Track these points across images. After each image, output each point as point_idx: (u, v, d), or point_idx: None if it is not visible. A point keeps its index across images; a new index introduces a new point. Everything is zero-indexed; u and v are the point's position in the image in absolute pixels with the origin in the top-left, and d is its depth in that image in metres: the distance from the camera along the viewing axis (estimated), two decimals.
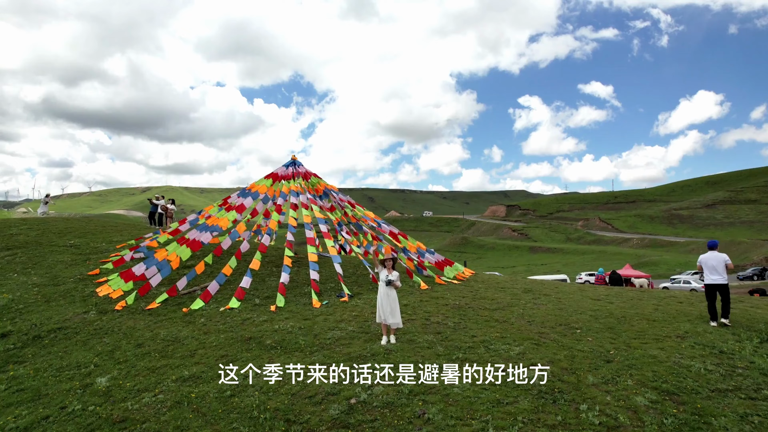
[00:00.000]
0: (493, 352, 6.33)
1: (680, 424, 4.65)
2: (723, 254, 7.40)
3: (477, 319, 7.80)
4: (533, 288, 10.49)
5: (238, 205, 11.36)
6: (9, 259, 12.84)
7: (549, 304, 8.84)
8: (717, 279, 7.14)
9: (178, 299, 9.57)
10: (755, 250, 63.07)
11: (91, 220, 19.47)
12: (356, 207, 12.73)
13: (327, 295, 9.58)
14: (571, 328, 7.29)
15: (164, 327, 8.22)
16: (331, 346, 6.87)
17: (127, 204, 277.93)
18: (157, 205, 18.58)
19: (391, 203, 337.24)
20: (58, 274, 11.53)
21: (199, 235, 10.74)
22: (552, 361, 6.00)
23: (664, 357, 6.14)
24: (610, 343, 6.68)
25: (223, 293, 9.63)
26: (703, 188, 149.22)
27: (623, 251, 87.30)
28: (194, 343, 7.44)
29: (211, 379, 6.18)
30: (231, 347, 7.11)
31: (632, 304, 9.10)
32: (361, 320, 7.96)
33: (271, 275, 10.47)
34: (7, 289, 10.57)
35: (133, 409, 5.77)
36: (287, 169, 12.55)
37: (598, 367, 5.84)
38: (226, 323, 8.15)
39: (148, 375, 6.61)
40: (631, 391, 5.27)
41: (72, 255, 13.20)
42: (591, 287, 11.75)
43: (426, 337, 7.02)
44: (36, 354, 7.74)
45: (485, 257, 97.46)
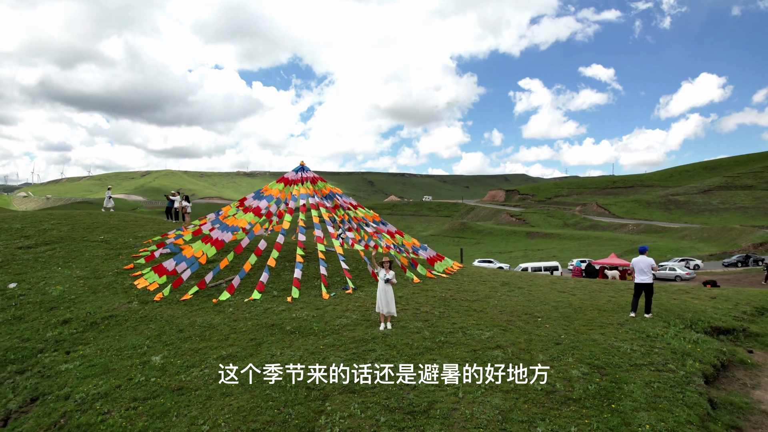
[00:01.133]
0: (468, 336, 7.98)
1: (599, 389, 6.30)
2: (650, 258, 8.93)
3: (458, 309, 9.44)
4: (510, 281, 12.12)
5: (254, 208, 12.90)
6: (50, 254, 14.45)
7: (520, 296, 10.48)
8: (644, 279, 8.70)
9: (207, 291, 11.21)
10: (744, 236, 64.70)
11: (112, 214, 21.00)
12: (357, 208, 14.27)
13: (334, 288, 11.22)
14: (534, 317, 8.93)
15: (199, 315, 9.87)
16: (340, 331, 8.51)
17: (127, 188, 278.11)
18: (173, 201, 20.13)
19: (390, 187, 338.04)
20: (98, 268, 13.15)
21: (221, 234, 12.31)
22: (513, 343, 7.64)
23: (602, 340, 7.78)
24: (563, 329, 8.32)
25: (245, 286, 11.26)
26: (701, 174, 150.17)
27: (619, 237, 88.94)
28: (227, 329, 9.08)
29: (245, 357, 7.83)
30: (258, 332, 8.76)
31: (591, 296, 10.74)
32: (363, 310, 9.60)
33: (285, 270, 12.08)
34: (56, 282, 12.20)
35: (186, 380, 7.43)
36: (296, 173, 14.05)
37: (548, 348, 7.48)
38: (251, 312, 9.80)
39: (192, 354, 8.26)
40: (569, 366, 6.91)
41: (105, 250, 14.80)
42: (561, 280, 13.37)
43: (416, 323, 8.66)
44: (96, 337, 9.39)
45: (483, 242, 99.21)
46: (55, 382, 7.92)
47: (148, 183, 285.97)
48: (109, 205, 22.61)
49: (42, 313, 10.57)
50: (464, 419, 5.75)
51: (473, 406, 5.97)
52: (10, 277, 12.70)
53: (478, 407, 5.95)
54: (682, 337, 7.99)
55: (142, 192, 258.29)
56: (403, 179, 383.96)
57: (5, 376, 8.32)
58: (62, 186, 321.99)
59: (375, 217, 14.24)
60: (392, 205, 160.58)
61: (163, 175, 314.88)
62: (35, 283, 12.28)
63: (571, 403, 6.06)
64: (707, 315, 9.24)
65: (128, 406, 6.95)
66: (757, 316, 9.69)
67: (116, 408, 6.96)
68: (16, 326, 10.05)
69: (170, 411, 6.67)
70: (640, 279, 8.60)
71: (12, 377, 8.29)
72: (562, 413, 5.84)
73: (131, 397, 7.18)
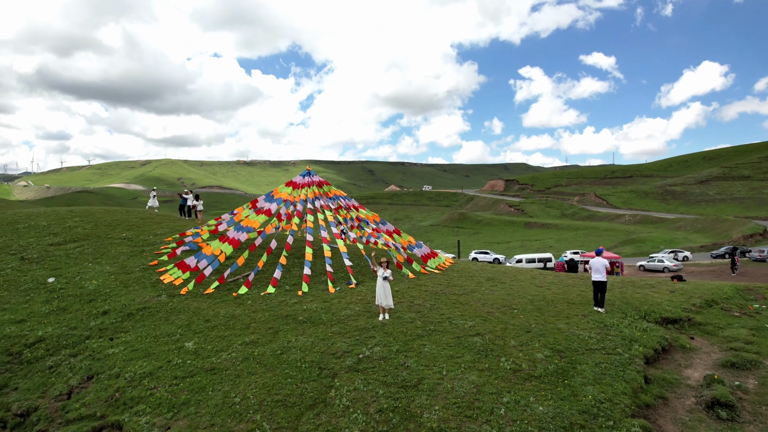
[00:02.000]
0: (453, 326, 9.44)
1: (557, 369, 7.77)
2: (605, 260, 10.32)
3: (447, 302, 10.90)
4: (494, 277, 13.55)
5: (266, 210, 14.28)
6: (80, 251, 15.88)
7: (502, 291, 11.92)
8: (599, 277, 10.09)
9: (226, 286, 12.65)
10: (737, 228, 66.08)
11: (128, 211, 22.38)
12: (359, 209, 15.66)
13: (339, 283, 12.66)
14: (511, 309, 10.39)
15: (222, 307, 11.33)
16: (345, 320, 9.97)
17: (128, 177, 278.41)
18: (186, 199, 21.51)
19: (390, 176, 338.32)
20: (125, 264, 14.59)
21: (237, 234, 13.72)
22: (491, 332, 9.10)
23: (566, 329, 9.24)
24: (534, 319, 9.78)
25: (261, 281, 12.70)
26: (699, 164, 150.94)
27: (615, 227, 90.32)
28: (247, 319, 10.54)
29: (265, 343, 9.30)
30: (275, 322, 10.22)
31: (564, 291, 12.17)
32: (365, 302, 11.04)
33: (294, 266, 13.50)
34: (90, 277, 13.65)
35: (217, 362, 8.91)
36: (303, 178, 15.39)
37: (519, 336, 8.94)
38: (267, 304, 11.26)
39: (220, 341, 9.73)
40: (535, 350, 8.38)
41: (129, 247, 16.23)
42: (541, 275, 14.79)
43: (410, 314, 10.11)
44: (134, 326, 10.86)
45: (481, 232, 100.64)
46: (105, 364, 9.40)
47: (148, 172, 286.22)
48: (154, 204, 23.52)
49: (82, 305, 12.03)
50: (446, 392, 7.22)
51: (454, 382, 7.44)
52: (47, 272, 14.15)
53: (457, 382, 7.42)
54: (635, 326, 9.45)
55: (143, 181, 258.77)
56: (403, 168, 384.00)
57: (62, 359, 9.80)
58: (62, 175, 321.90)
59: (375, 217, 15.62)
60: (392, 194, 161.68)
61: (163, 165, 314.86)
62: (71, 277, 13.72)
63: (533, 379, 7.54)
64: (661, 307, 10.69)
65: (171, 383, 8.43)
66: (704, 308, 11.14)
67: (161, 384, 8.44)
68: (62, 316, 11.52)
69: (206, 387, 8.15)
70: (596, 277, 10.01)
71: (67, 359, 9.77)
72: (524, 387, 7.32)
73: (172, 375, 8.66)
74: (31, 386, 9.08)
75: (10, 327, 11.08)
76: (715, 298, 11.79)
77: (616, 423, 6.47)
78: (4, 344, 10.41)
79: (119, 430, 7.66)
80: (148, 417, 7.65)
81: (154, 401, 8.01)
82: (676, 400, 7.43)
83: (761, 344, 9.05)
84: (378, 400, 7.11)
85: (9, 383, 9.28)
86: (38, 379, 9.27)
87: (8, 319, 11.50)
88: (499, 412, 6.71)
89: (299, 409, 7.19)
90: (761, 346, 8.93)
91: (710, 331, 9.84)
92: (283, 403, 7.34)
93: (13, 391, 9.06)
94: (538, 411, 6.70)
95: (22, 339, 10.55)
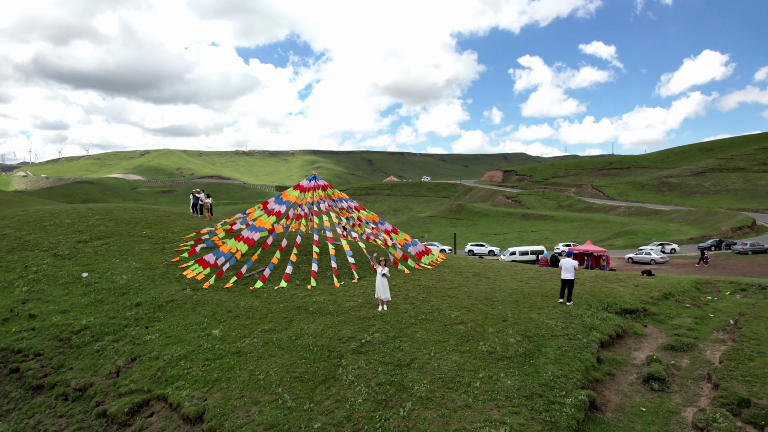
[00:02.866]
0: (441, 315, 11.06)
1: (525, 351, 9.40)
2: (574, 261, 11.88)
3: (437, 295, 12.52)
4: (480, 272, 15.17)
5: (276, 211, 15.84)
6: (106, 248, 17.46)
7: (485, 285, 13.55)
8: (568, 276, 11.67)
9: (244, 280, 14.26)
10: (727, 220, 67.67)
11: (143, 210, 23.91)
12: (361, 210, 17.23)
13: (343, 278, 14.26)
14: (492, 301, 12.02)
15: (241, 299, 12.94)
16: (349, 311, 11.59)
17: (126, 167, 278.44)
18: (198, 198, 23.04)
19: (389, 166, 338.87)
20: (150, 260, 16.18)
21: (251, 233, 15.29)
22: (473, 320, 10.73)
23: (537, 318, 10.87)
24: (511, 310, 11.41)
25: (274, 276, 14.30)
26: (696, 155, 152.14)
27: (610, 219, 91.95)
28: (264, 310, 12.16)
29: (282, 330, 10.92)
30: (288, 312, 11.84)
31: (541, 285, 13.80)
32: (366, 295, 12.66)
33: (303, 263, 15.10)
34: (120, 272, 15.24)
35: (241, 346, 10.53)
36: (310, 182, 16.90)
37: (497, 324, 10.57)
38: (281, 297, 12.87)
39: (242, 328, 11.35)
40: (509, 336, 10.01)
41: (150, 244, 17.80)
42: (523, 270, 16.41)
43: (404, 306, 11.74)
44: (165, 317, 12.47)
45: (479, 224, 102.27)
46: (145, 348, 11.02)
47: (147, 162, 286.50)
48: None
49: (117, 298, 13.65)
50: (433, 369, 8.86)
51: (440, 361, 9.07)
52: (80, 268, 15.74)
53: (442, 362, 9.05)
54: (596, 316, 11.09)
55: (141, 171, 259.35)
56: (402, 158, 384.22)
57: (106, 344, 11.43)
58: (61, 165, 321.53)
59: (374, 217, 17.18)
60: (391, 185, 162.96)
61: (161, 155, 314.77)
62: (103, 273, 15.32)
63: (504, 359, 9.17)
64: (623, 300, 12.33)
65: (203, 364, 10.06)
66: (661, 300, 12.78)
67: (195, 365, 10.08)
68: (100, 307, 13.14)
69: (234, 367, 9.78)
70: (565, 276, 11.62)
71: (111, 344, 11.40)
72: (497, 366, 8.96)
73: (204, 358, 10.29)
74: (84, 366, 10.72)
75: (56, 317, 12.71)
76: (673, 291, 13.43)
77: (567, 393, 8.10)
78: (53, 331, 12.04)
79: (164, 401, 9.31)
80: (187, 391, 9.29)
81: (191, 378, 9.64)
82: (621, 376, 9.08)
83: (701, 331, 10.69)
84: (377, 376, 8.74)
85: (64, 364, 10.92)
86: (89, 361, 10.91)
87: (53, 309, 13.12)
88: (475, 385, 8.34)
89: (313, 384, 8.83)
90: (700, 332, 10.58)
91: (661, 320, 11.49)
92: (299, 379, 8.98)
93: (69, 371, 10.70)
94: (507, 384, 8.33)
95: (69, 327, 12.17)
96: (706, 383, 8.43)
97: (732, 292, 13.87)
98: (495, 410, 7.62)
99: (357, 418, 7.72)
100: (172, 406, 9.02)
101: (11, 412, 9.97)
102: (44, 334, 11.95)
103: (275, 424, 7.87)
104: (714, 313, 11.90)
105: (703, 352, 9.78)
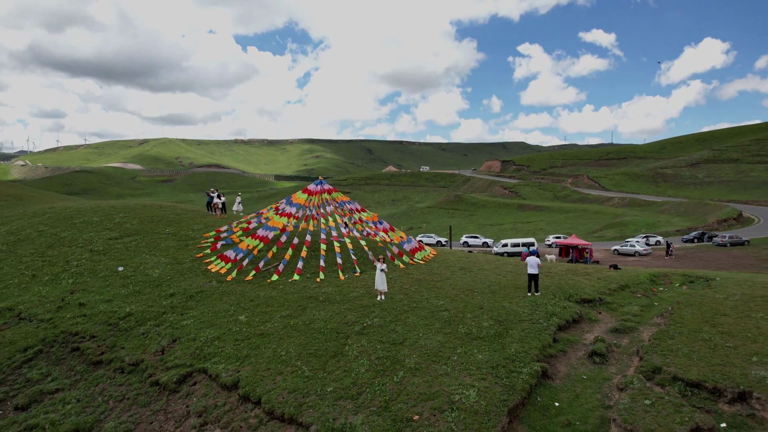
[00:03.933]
0: (430, 304, 13.30)
1: (496, 333, 11.65)
2: (537, 258, 14.03)
3: (427, 287, 14.75)
4: (466, 266, 17.39)
5: (287, 213, 18.00)
6: (135, 244, 19.63)
7: (469, 278, 15.78)
8: (533, 271, 13.83)
9: (261, 274, 16.46)
10: (715, 212, 69.84)
11: (162, 207, 26.03)
12: (362, 212, 19.40)
13: (347, 272, 16.48)
14: (473, 292, 14.24)
15: (261, 291, 15.16)
16: (353, 300, 13.81)
17: (125, 157, 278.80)
18: (212, 197, 25.15)
19: (389, 155, 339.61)
20: (176, 256, 18.36)
21: (265, 232, 17.46)
22: (455, 308, 12.97)
23: (508, 306, 13.11)
24: (488, 300, 13.64)
25: (287, 271, 16.51)
26: (693, 146, 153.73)
27: (604, 210, 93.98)
28: (281, 300, 14.38)
29: (297, 316, 13.16)
30: (302, 301, 14.07)
31: (516, 278, 16.03)
32: (367, 287, 14.87)
33: (312, 259, 17.30)
34: (151, 266, 17.44)
35: (265, 329, 12.77)
36: (317, 186, 19.03)
37: (474, 311, 12.81)
38: (294, 288, 15.09)
39: (264, 315, 13.58)
40: (483, 320, 12.25)
41: (175, 241, 19.98)
42: (504, 265, 18.64)
43: (399, 296, 13.96)
44: (196, 305, 14.69)
45: (476, 214, 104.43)
46: (183, 332, 13.25)
47: (146, 151, 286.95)
48: (239, 209, 26.06)
49: (152, 289, 15.86)
50: (421, 347, 11.10)
51: (426, 340, 11.32)
52: (116, 262, 17.93)
53: (428, 341, 11.30)
54: (558, 305, 13.33)
55: (140, 160, 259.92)
56: (402, 147, 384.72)
57: (149, 328, 13.66)
58: (59, 155, 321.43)
59: (374, 217, 19.36)
60: (390, 175, 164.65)
61: (160, 144, 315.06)
62: (136, 267, 17.51)
63: (479, 339, 11.42)
64: (584, 291, 14.57)
65: (234, 344, 12.30)
66: (617, 291, 15.02)
67: (227, 344, 12.31)
68: (139, 297, 15.35)
69: (260, 345, 12.02)
70: (531, 271, 13.82)
71: (154, 328, 13.63)
72: (472, 344, 11.20)
73: (234, 339, 12.53)
74: (134, 346, 12.96)
75: (102, 305, 14.93)
76: (629, 283, 15.68)
77: (525, 364, 10.35)
78: (102, 317, 14.27)
79: (204, 373, 11.57)
80: (223, 365, 11.53)
81: (225, 355, 11.88)
82: (572, 353, 11.34)
83: (643, 317, 12.95)
84: (377, 352, 10.99)
85: (116, 344, 13.16)
86: (137, 341, 13.15)
87: (99, 299, 15.34)
88: (453, 358, 10.59)
89: (325, 358, 11.07)
90: (642, 318, 12.83)
91: (613, 308, 13.74)
92: (314, 354, 11.22)
93: (121, 349, 12.94)
94: (478, 358, 10.58)
95: (115, 314, 14.39)
96: (636, 357, 10.69)
97: (681, 284, 16.11)
98: (467, 377, 9.87)
99: (360, 384, 9.98)
100: (212, 377, 11.28)
101: (79, 382, 12.23)
102: (95, 320, 14.18)
103: (296, 388, 10.13)
104: (659, 302, 14.15)
105: (641, 333, 12.03)
